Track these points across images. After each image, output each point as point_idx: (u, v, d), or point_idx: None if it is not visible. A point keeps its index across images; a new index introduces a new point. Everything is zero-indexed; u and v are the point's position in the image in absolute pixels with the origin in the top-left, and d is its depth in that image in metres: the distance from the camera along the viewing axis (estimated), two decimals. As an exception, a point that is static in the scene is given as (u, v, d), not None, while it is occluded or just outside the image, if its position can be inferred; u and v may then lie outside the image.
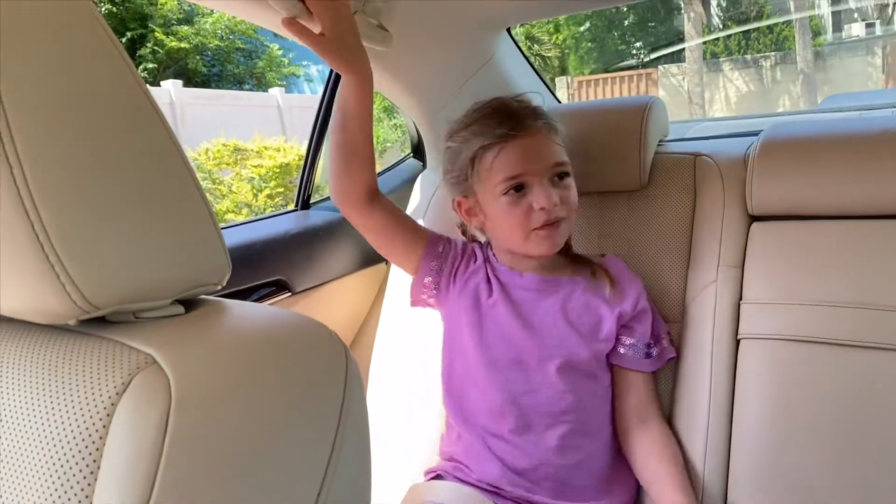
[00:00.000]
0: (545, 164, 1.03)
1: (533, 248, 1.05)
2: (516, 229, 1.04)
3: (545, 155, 1.04)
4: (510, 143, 1.03)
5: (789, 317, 1.05)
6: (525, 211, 1.02)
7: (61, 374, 0.41)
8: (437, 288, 1.13)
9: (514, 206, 1.03)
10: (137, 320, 0.45)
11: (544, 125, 1.06)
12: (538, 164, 1.03)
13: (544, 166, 1.03)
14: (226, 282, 0.50)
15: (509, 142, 1.03)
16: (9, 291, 0.41)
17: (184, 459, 0.37)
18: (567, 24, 13.56)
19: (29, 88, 0.38)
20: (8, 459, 0.40)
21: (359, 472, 0.48)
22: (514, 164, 1.03)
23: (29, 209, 0.37)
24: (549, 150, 1.05)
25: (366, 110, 1.04)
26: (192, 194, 0.45)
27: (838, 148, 1.08)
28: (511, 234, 1.05)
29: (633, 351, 1.08)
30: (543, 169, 1.03)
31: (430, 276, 1.13)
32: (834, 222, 1.09)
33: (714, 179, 1.20)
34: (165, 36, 10.53)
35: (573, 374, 1.03)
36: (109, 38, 0.42)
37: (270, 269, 1.31)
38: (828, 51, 11.63)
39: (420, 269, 1.13)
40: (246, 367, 0.42)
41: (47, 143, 0.38)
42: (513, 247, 1.08)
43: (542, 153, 1.04)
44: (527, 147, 1.03)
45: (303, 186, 1.55)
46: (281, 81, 12.24)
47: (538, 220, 1.02)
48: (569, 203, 1.05)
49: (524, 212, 1.02)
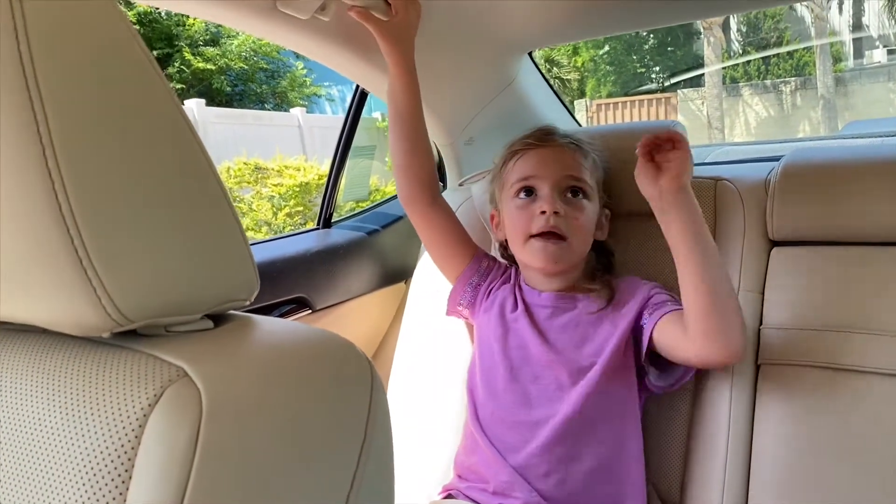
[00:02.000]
0: (557, 173, 1.07)
1: (529, 256, 1.08)
2: (518, 232, 1.08)
3: (560, 164, 1.08)
4: (531, 151, 1.11)
5: (810, 342, 1.04)
6: (529, 215, 1.07)
7: (95, 385, 0.42)
8: (473, 301, 1.18)
9: (521, 210, 1.08)
10: (168, 334, 0.46)
11: (570, 143, 1.11)
12: (551, 171, 1.07)
13: (556, 174, 1.07)
14: (254, 297, 0.51)
15: (531, 150, 1.10)
16: (45, 304, 0.42)
17: (214, 471, 0.38)
18: (587, 48, 13.61)
19: (71, 106, 0.39)
20: (39, 470, 0.41)
21: (383, 484, 0.48)
22: (528, 167, 1.09)
23: (69, 224, 0.38)
24: (565, 161, 1.09)
25: (414, 102, 1.14)
26: (224, 211, 0.46)
27: (860, 174, 1.08)
28: (514, 237, 1.10)
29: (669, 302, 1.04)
30: (555, 177, 1.07)
31: (470, 288, 1.18)
32: (855, 248, 1.09)
33: (734, 204, 1.20)
34: (192, 56, 10.70)
35: (586, 388, 1.03)
36: (147, 57, 0.43)
37: (292, 287, 1.33)
38: (849, 76, 11.58)
39: (461, 278, 1.18)
40: (274, 381, 0.43)
41: (88, 159, 0.39)
42: (516, 253, 1.12)
43: (558, 162, 1.08)
44: (544, 155, 1.09)
45: (325, 205, 1.56)
46: (303, 101, 12.37)
47: (537, 225, 1.05)
48: (575, 223, 1.06)
49: (528, 216, 1.07)
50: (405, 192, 1.17)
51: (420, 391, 1.34)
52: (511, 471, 1.02)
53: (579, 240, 1.08)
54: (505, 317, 1.12)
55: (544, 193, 1.07)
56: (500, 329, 1.11)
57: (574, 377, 1.04)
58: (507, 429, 1.05)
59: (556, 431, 1.02)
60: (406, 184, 1.16)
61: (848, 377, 1.00)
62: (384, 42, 1.08)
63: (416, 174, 1.15)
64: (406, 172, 1.15)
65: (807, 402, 1.02)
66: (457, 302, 1.19)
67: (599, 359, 1.04)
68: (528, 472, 1.02)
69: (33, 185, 0.38)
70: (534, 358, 1.07)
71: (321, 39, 1.13)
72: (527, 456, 1.02)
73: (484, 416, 1.09)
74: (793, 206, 1.11)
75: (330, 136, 9.40)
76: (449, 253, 1.19)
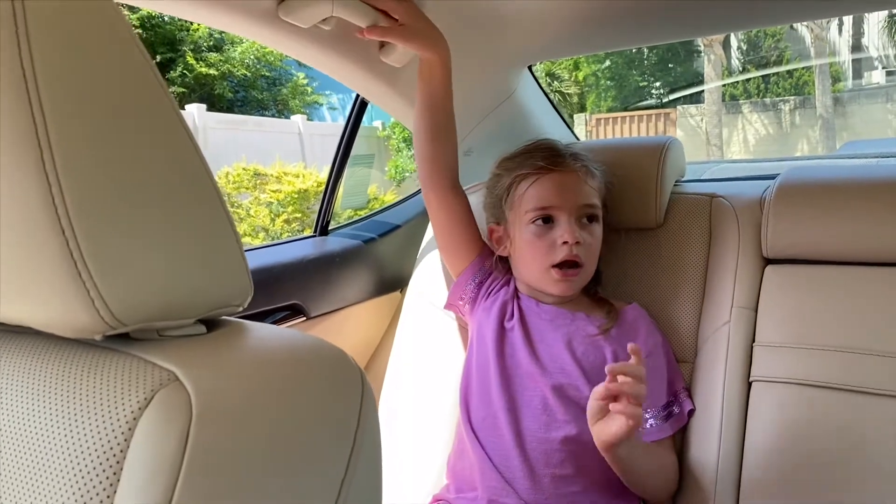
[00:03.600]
0: (575, 202, 1.08)
1: (548, 285, 1.09)
2: (537, 260, 1.09)
3: (577, 193, 1.09)
4: (546, 176, 1.10)
5: (802, 361, 1.05)
6: (549, 244, 1.07)
7: (85, 387, 0.42)
8: (473, 297, 1.18)
9: (538, 238, 1.08)
10: (161, 338, 0.46)
11: (582, 167, 1.11)
12: (569, 200, 1.08)
13: (574, 204, 1.08)
14: (248, 303, 0.51)
15: (545, 174, 1.10)
16: (39, 305, 0.42)
17: (202, 475, 0.38)
18: (588, 62, 13.68)
19: (70, 108, 0.39)
20: (30, 469, 0.41)
21: (372, 490, 0.48)
22: (546, 195, 1.09)
23: (64, 225, 0.38)
24: (582, 190, 1.10)
25: (448, 88, 1.14)
26: (220, 216, 0.46)
27: (855, 194, 1.09)
28: (531, 264, 1.10)
29: (653, 421, 1.06)
30: (573, 206, 1.08)
31: (472, 283, 1.18)
32: (849, 268, 1.09)
33: (730, 221, 1.20)
34: (195, 62, 10.72)
35: (573, 406, 1.04)
36: (146, 61, 0.44)
37: (287, 294, 1.33)
38: (847, 97, 11.64)
39: (465, 274, 1.19)
40: (265, 387, 0.43)
41: (85, 162, 0.39)
42: (531, 279, 1.12)
43: (575, 191, 1.09)
44: (561, 182, 1.09)
45: (322, 212, 1.57)
46: (304, 109, 12.40)
47: (559, 255, 1.06)
48: (591, 249, 1.09)
49: (548, 245, 1.07)
50: (428, 176, 1.18)
51: (413, 400, 1.34)
52: (499, 477, 1.03)
53: (592, 262, 1.12)
54: (503, 321, 1.13)
55: (563, 222, 1.07)
56: (497, 333, 1.11)
57: (559, 396, 1.04)
58: (497, 435, 1.06)
59: (543, 446, 1.02)
60: (430, 168, 1.18)
61: (840, 397, 1.00)
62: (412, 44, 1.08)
63: (441, 160, 1.17)
64: (433, 158, 1.17)
65: (798, 420, 1.02)
66: (458, 296, 1.20)
67: (586, 383, 1.04)
68: (516, 482, 1.02)
69: (30, 187, 0.38)
70: (522, 368, 1.07)
71: (322, 48, 1.14)
72: (515, 465, 1.03)
73: (476, 419, 1.09)
74: (788, 224, 1.12)
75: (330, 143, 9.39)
76: (460, 241, 1.20)
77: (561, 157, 1.12)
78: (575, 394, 1.04)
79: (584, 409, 1.03)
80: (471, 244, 1.20)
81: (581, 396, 1.03)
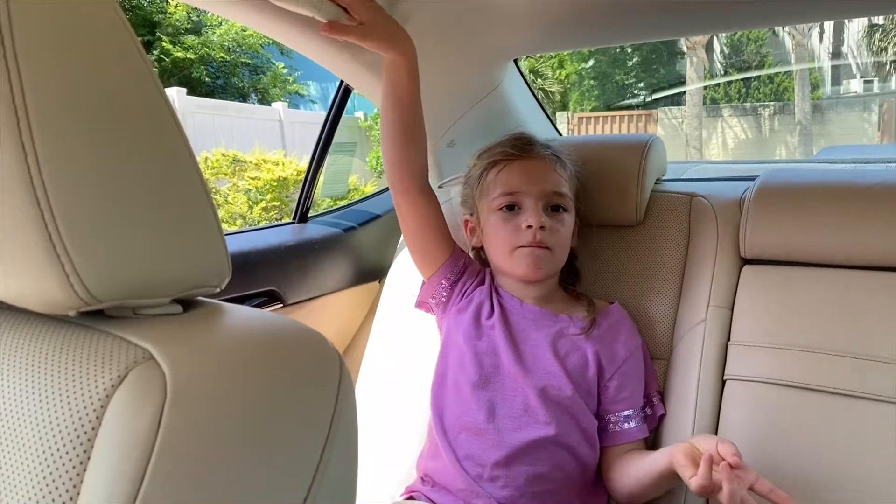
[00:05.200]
0: (542, 189, 1.08)
1: (515, 266, 1.08)
2: (503, 244, 1.08)
3: (544, 179, 1.09)
4: (514, 163, 1.10)
5: (775, 361, 1.06)
6: (514, 228, 1.07)
7: (58, 363, 0.41)
8: (446, 298, 1.16)
9: (505, 223, 1.08)
10: (136, 316, 0.45)
11: (551, 155, 1.11)
12: (535, 185, 1.08)
13: (540, 190, 1.08)
14: (225, 285, 0.50)
15: (514, 161, 1.10)
16: (12, 279, 0.41)
17: (175, 454, 0.38)
18: (571, 60, 13.70)
19: (51, 83, 0.38)
20: (1, 443, 0.41)
21: (347, 476, 0.48)
22: (512, 181, 1.09)
23: (41, 198, 0.38)
24: (550, 177, 1.09)
25: (415, 88, 1.09)
26: (200, 196, 0.46)
27: (833, 197, 1.10)
28: (498, 248, 1.10)
29: (632, 422, 1.07)
30: (539, 192, 1.08)
31: (444, 284, 1.16)
32: (824, 270, 1.10)
33: (709, 221, 1.21)
34: (172, 45, 10.57)
35: (555, 407, 1.03)
36: (131, 38, 0.43)
37: (263, 279, 1.32)
38: (826, 104, 11.78)
39: (438, 273, 1.16)
40: (241, 368, 0.43)
41: (65, 137, 0.39)
42: (499, 263, 1.12)
43: (543, 177, 1.09)
44: (528, 168, 1.09)
45: (302, 199, 1.55)
46: (285, 98, 12.30)
47: (523, 239, 1.06)
48: (557, 235, 1.08)
49: (513, 228, 1.07)
50: (398, 179, 1.13)
51: (388, 392, 1.34)
52: (469, 480, 1.02)
53: (561, 250, 1.10)
54: (480, 321, 1.11)
55: (529, 207, 1.07)
56: (472, 332, 1.10)
57: (541, 397, 1.03)
58: (470, 436, 1.05)
59: (519, 449, 1.01)
60: (398, 172, 1.13)
61: (813, 397, 1.02)
62: (373, 45, 1.04)
63: (411, 162, 1.12)
64: (401, 161, 1.12)
65: (771, 420, 1.03)
66: (430, 295, 1.18)
67: (568, 383, 1.04)
68: (486, 483, 1.02)
69: (6, 158, 0.37)
70: (504, 368, 1.06)
71: (306, 32, 1.12)
72: (487, 467, 1.02)
73: (449, 420, 1.08)
74: (766, 225, 1.13)
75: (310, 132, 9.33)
76: (430, 244, 1.16)
77: (530, 144, 1.12)
78: (557, 394, 1.04)
79: (564, 409, 1.03)
80: (441, 247, 1.16)
81: (563, 396, 1.04)
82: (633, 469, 1.02)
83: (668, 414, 1.12)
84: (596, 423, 1.07)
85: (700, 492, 0.83)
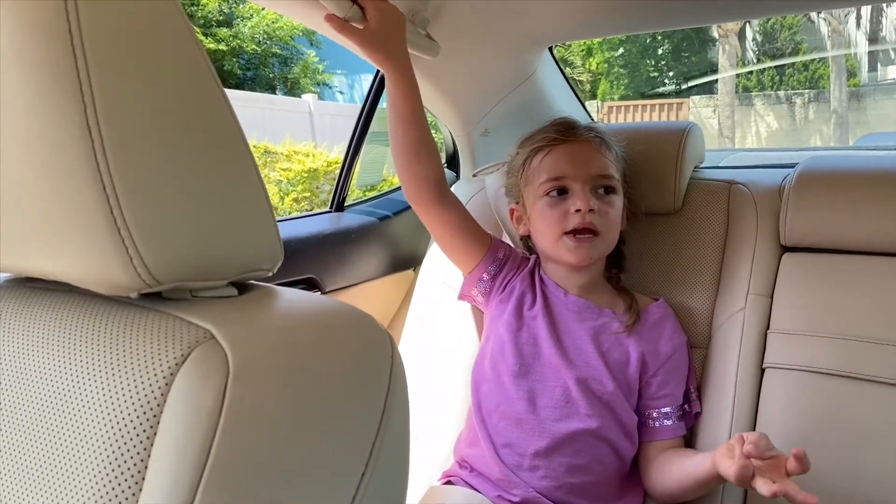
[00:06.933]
0: (589, 171, 1.06)
1: (562, 253, 1.07)
2: (550, 229, 1.07)
3: (590, 162, 1.07)
4: (559, 147, 1.08)
5: (815, 349, 1.05)
6: (562, 213, 1.05)
7: (121, 343, 0.42)
8: (489, 289, 1.16)
9: (552, 208, 1.07)
10: (193, 298, 0.46)
11: (596, 138, 1.10)
12: (581, 169, 1.06)
13: (587, 173, 1.06)
14: (277, 268, 0.51)
15: (558, 146, 1.08)
16: (77, 260, 0.42)
17: (239, 431, 0.39)
18: (601, 49, 13.58)
19: (116, 72, 0.39)
20: (67, 422, 0.42)
21: (400, 455, 0.49)
22: (558, 165, 1.07)
23: (105, 182, 0.39)
24: (596, 160, 1.08)
25: (413, 106, 1.06)
26: (255, 183, 0.47)
27: (875, 184, 1.09)
28: (545, 234, 1.08)
29: (672, 419, 1.07)
30: (586, 175, 1.06)
31: (485, 278, 1.15)
32: (865, 258, 1.09)
33: (748, 208, 1.20)
34: (204, 37, 10.67)
35: (596, 401, 1.03)
36: (187, 26, 0.44)
37: (302, 268, 1.33)
38: (863, 91, 11.53)
39: (476, 270, 1.15)
40: (298, 349, 0.44)
41: (128, 120, 0.40)
42: (547, 249, 1.11)
43: (588, 160, 1.07)
44: (574, 152, 1.08)
45: (339, 188, 1.57)
46: (315, 88, 12.35)
47: (572, 223, 1.04)
48: (607, 218, 1.06)
49: (561, 214, 1.06)
50: (412, 194, 1.11)
51: (424, 379, 1.35)
52: (507, 470, 1.02)
53: (611, 233, 1.09)
54: (522, 311, 1.10)
55: (577, 190, 1.05)
56: (514, 322, 1.09)
57: (582, 389, 1.03)
58: (509, 425, 1.05)
59: (561, 440, 1.01)
60: (412, 187, 1.11)
61: (852, 385, 1.01)
62: (365, 50, 1.01)
63: (421, 177, 1.09)
64: (411, 177, 1.10)
65: (810, 408, 1.02)
66: (472, 287, 1.17)
67: (610, 379, 1.04)
68: (525, 473, 1.02)
69: (73, 143, 0.38)
70: (544, 357, 1.06)
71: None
72: (527, 456, 1.02)
73: (488, 409, 1.08)
74: (806, 212, 1.12)
75: (341, 123, 9.38)
76: (461, 248, 1.16)
77: (573, 128, 1.10)
78: (598, 387, 1.04)
79: (605, 403, 1.03)
80: (474, 246, 1.15)
81: (604, 391, 1.03)
82: (675, 469, 1.01)
83: (706, 403, 1.11)
84: (636, 419, 1.06)
85: (738, 476, 0.81)
